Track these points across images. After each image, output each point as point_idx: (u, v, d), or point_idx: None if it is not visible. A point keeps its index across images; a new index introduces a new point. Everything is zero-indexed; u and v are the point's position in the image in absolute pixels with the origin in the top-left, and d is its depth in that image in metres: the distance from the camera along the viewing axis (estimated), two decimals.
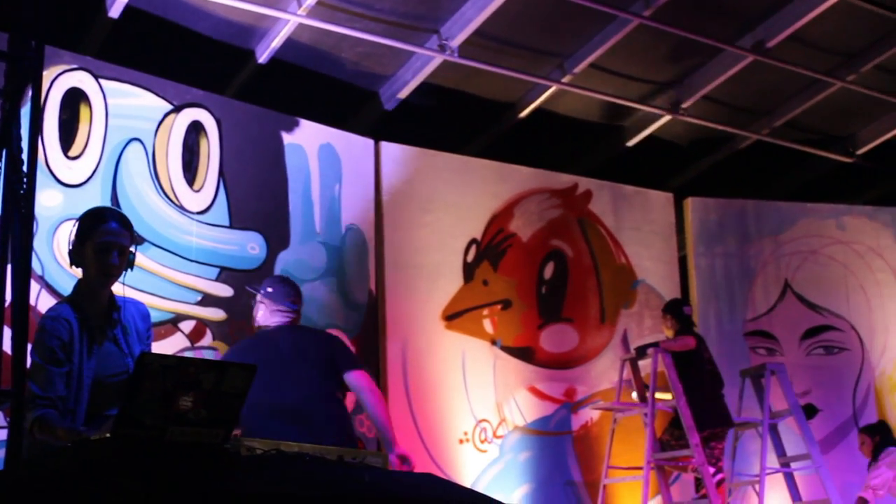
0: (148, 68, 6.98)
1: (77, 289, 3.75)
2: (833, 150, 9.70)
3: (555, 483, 8.33)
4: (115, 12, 6.83)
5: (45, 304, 5.68)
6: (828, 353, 9.38)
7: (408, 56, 7.93)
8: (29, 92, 3.60)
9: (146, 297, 6.42)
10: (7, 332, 3.47)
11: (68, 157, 6.47)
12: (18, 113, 3.51)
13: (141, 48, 7.27)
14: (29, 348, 3.53)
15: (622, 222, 9.19)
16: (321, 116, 7.88)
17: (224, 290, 7.03)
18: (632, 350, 8.32)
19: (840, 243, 9.64)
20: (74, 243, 3.70)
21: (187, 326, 6.83)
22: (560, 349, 8.62)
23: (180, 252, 6.87)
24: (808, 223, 9.65)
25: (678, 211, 9.51)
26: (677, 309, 7.95)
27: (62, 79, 6.49)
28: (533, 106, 8.60)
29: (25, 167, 3.46)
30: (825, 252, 9.60)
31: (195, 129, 7.11)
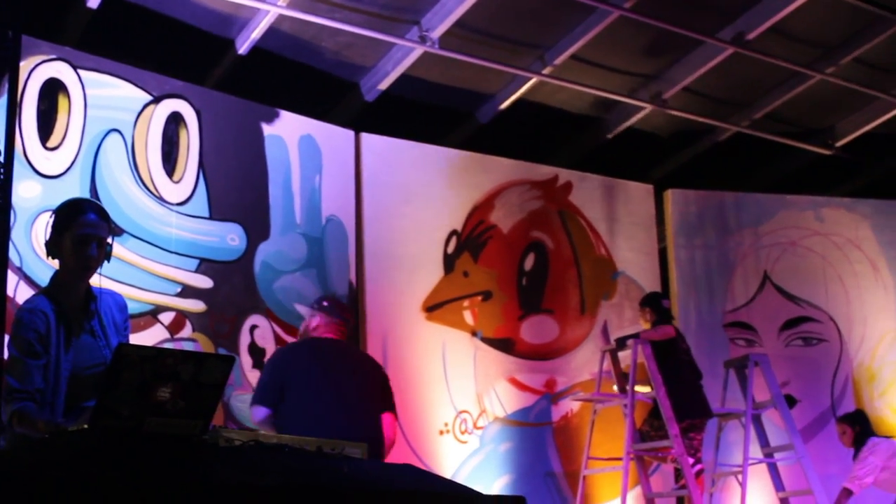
0: (127, 59, 6.95)
1: (54, 280, 3.73)
2: (812, 143, 9.74)
3: (535, 474, 8.36)
4: (94, 2, 6.80)
5: (23, 296, 5.67)
6: (806, 345, 9.42)
7: (388, 47, 7.92)
8: (6, 83, 3.59)
9: (125, 289, 6.40)
10: None
11: (47, 148, 6.44)
12: None
13: (120, 38, 7.24)
14: (6, 340, 3.51)
15: (602, 214, 9.21)
16: (302, 107, 7.86)
17: (204, 282, 7.02)
18: (612, 341, 8.33)
19: (819, 235, 9.69)
20: (52, 234, 3.68)
21: (167, 318, 6.81)
22: (540, 340, 8.64)
23: (160, 243, 6.85)
24: (788, 215, 9.69)
25: (658, 202, 9.54)
26: (656, 302, 7.97)
27: (40, 69, 6.45)
28: (514, 97, 8.61)
29: (2, 158, 3.45)
30: (804, 244, 9.64)
31: (175, 120, 7.08)
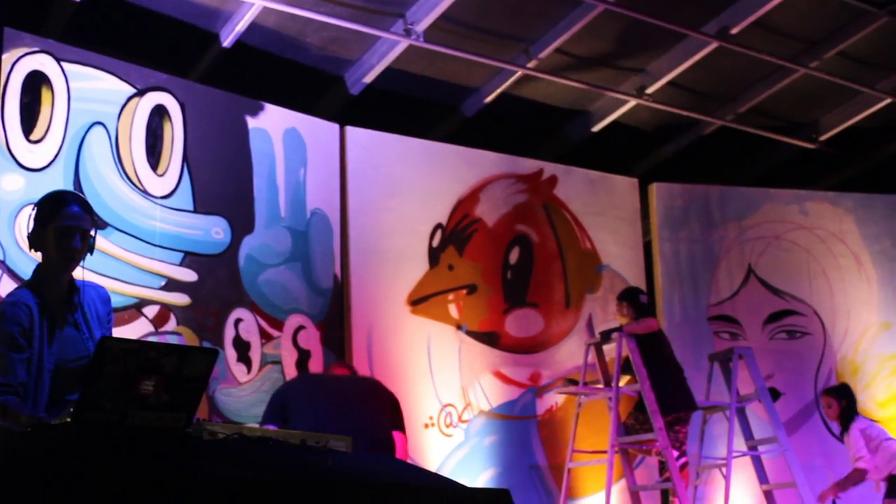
0: (111, 51, 6.93)
1: (37, 273, 3.71)
2: (796, 137, 9.76)
3: (520, 467, 8.37)
4: None
5: (7, 289, 5.64)
6: (790, 338, 9.45)
7: (373, 40, 7.91)
8: None
9: (110, 282, 6.39)
10: None
11: (30, 141, 6.41)
12: None
13: (104, 31, 7.21)
14: None
15: (587, 207, 9.22)
16: (286, 101, 7.85)
17: (188, 275, 7.01)
18: (596, 334, 8.35)
19: (803, 228, 9.71)
20: (35, 227, 3.66)
21: (151, 311, 6.80)
22: (525, 334, 8.65)
23: (144, 237, 6.84)
24: (772, 209, 9.72)
25: (643, 196, 9.55)
26: (633, 297, 7.96)
27: (23, 62, 6.42)
28: (498, 91, 8.61)
29: None
30: (788, 237, 9.67)
31: (159, 113, 7.06)
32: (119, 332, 6.21)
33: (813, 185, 10.27)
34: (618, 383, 7.69)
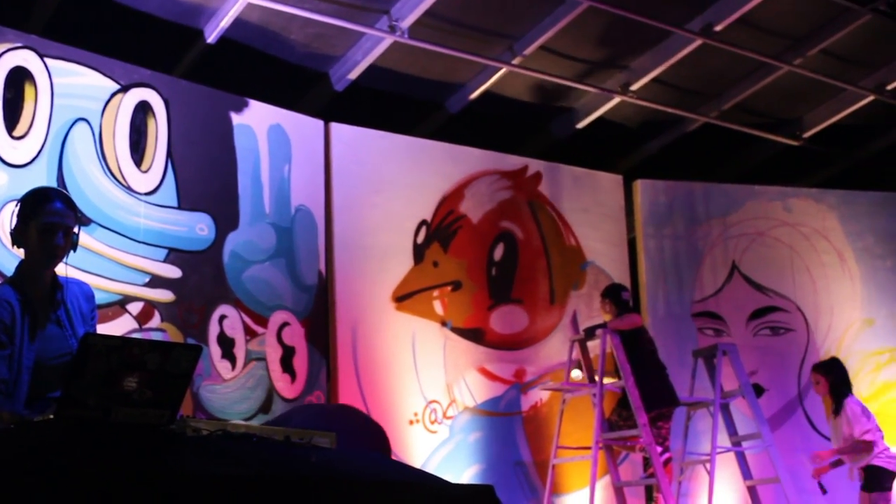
0: (94, 47, 6.90)
1: (19, 270, 3.70)
2: (780, 133, 9.80)
3: (504, 463, 8.38)
4: None
5: None
6: (774, 334, 9.49)
7: (358, 37, 7.91)
8: None
9: (93, 279, 6.37)
10: None
11: (13, 137, 6.38)
12: None
13: (87, 27, 7.19)
14: None
15: (572, 204, 9.23)
16: (271, 97, 7.84)
17: (172, 272, 6.99)
18: (581, 331, 8.37)
19: (786, 225, 9.75)
20: (17, 223, 3.65)
21: (135, 308, 6.78)
22: (510, 330, 8.66)
23: (128, 233, 6.81)
24: (756, 205, 9.75)
25: (627, 193, 9.57)
26: (616, 294, 7.98)
27: (6, 57, 6.40)
28: (483, 88, 8.61)
29: None
30: (772, 234, 9.70)
31: (143, 109, 7.04)
32: (103, 329, 6.19)
33: (796, 182, 10.31)
34: (602, 379, 7.70)
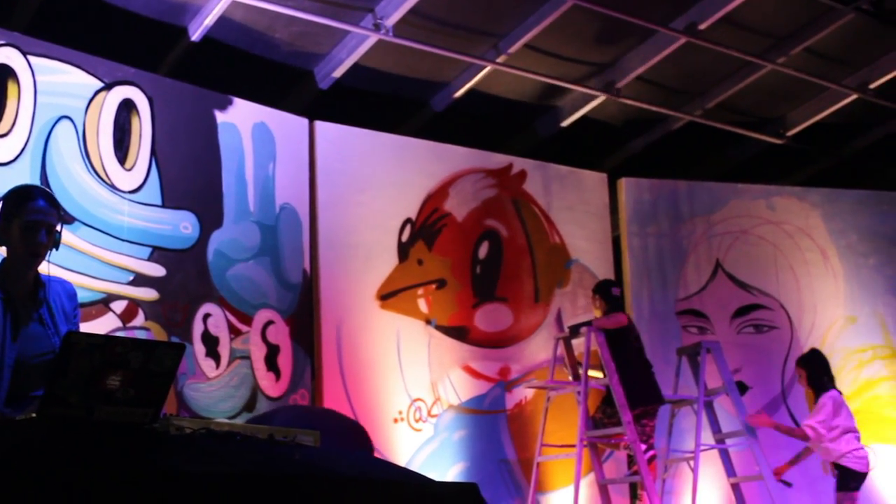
0: (78, 45, 6.87)
1: (2, 268, 3.68)
2: (764, 132, 9.83)
3: (489, 461, 8.39)
4: None
5: None
6: (757, 332, 9.52)
7: (343, 35, 7.90)
8: None
9: (77, 277, 6.35)
10: None
11: None
12: None
13: (71, 24, 7.16)
14: None
15: (556, 202, 9.24)
16: (255, 95, 7.82)
17: (156, 270, 6.97)
18: (565, 329, 8.38)
19: (770, 223, 9.78)
20: (0, 222, 3.64)
21: (119, 307, 6.76)
22: (494, 328, 8.67)
23: (112, 231, 6.80)
24: (739, 203, 9.78)
25: (612, 191, 9.59)
26: (606, 290, 8.00)
27: None
28: (468, 86, 8.62)
29: None
30: (755, 232, 9.74)
31: (127, 107, 7.02)
32: (87, 328, 6.18)
33: (780, 181, 10.35)
34: (586, 377, 7.72)
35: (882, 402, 9.59)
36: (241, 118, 7.65)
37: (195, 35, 7.46)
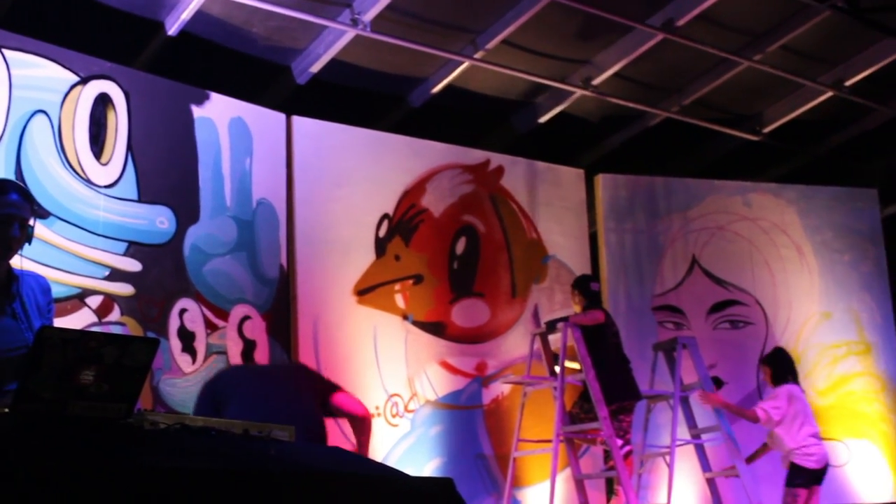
0: (54, 39, 6.84)
1: None
2: (740, 129, 9.87)
3: (466, 457, 8.40)
4: None
5: None
6: (733, 327, 9.57)
7: (320, 30, 7.89)
8: None
9: (52, 272, 6.32)
10: None
11: None
12: None
13: (46, 18, 7.12)
14: None
15: (534, 198, 9.26)
16: (232, 90, 7.80)
17: (132, 265, 6.95)
18: (542, 324, 8.39)
19: (746, 220, 9.83)
20: None
21: (94, 302, 6.74)
22: (471, 324, 8.68)
23: (87, 226, 6.77)
24: (716, 200, 9.82)
25: (589, 187, 9.61)
26: (585, 285, 8.04)
27: None
28: (445, 82, 8.62)
29: None
30: (732, 228, 9.78)
31: (103, 102, 6.99)
32: (62, 323, 6.16)
33: (756, 177, 10.40)
34: (563, 373, 7.74)
35: (856, 398, 9.66)
36: (218, 113, 7.63)
37: (172, 29, 7.43)
